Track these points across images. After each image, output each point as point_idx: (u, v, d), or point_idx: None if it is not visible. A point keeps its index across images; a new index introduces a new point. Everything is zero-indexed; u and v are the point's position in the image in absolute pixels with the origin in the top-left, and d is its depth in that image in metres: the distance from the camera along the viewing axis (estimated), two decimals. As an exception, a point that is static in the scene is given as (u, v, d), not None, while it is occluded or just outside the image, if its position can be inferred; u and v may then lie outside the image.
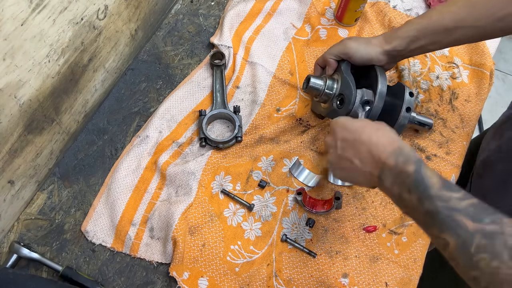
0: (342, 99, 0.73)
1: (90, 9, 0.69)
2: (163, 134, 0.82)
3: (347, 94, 0.72)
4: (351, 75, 0.73)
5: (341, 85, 0.74)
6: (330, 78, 0.76)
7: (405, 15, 0.98)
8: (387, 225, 0.77)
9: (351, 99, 0.71)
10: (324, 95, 0.75)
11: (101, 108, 0.86)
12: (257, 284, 0.71)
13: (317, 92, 0.76)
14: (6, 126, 0.61)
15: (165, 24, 0.96)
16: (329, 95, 0.75)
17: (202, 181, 0.78)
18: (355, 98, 0.71)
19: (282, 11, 0.98)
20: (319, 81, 0.75)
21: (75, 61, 0.71)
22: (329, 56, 0.75)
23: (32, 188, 0.76)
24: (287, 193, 0.79)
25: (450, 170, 0.82)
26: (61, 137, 0.78)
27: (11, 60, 0.56)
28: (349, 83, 0.72)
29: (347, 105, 0.71)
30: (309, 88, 0.75)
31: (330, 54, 0.75)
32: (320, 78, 0.76)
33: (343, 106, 0.73)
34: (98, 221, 0.75)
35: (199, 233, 0.74)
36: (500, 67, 2.19)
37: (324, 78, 0.76)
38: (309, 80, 0.75)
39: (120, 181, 0.77)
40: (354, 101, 0.71)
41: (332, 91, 0.75)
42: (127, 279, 0.72)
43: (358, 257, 0.74)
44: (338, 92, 0.74)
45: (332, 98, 0.75)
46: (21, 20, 0.55)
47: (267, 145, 0.83)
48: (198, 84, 0.88)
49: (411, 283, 0.73)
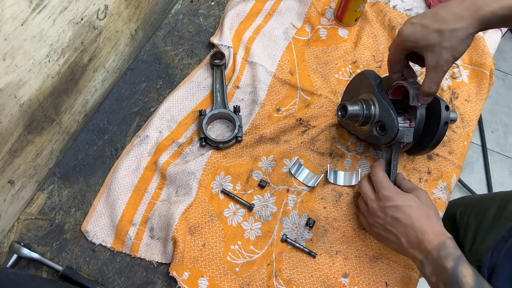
0: (382, 126, 0.71)
1: (90, 9, 0.69)
2: (163, 134, 0.82)
3: (389, 123, 0.69)
4: (388, 99, 0.71)
5: (380, 111, 0.71)
6: (365, 101, 0.72)
7: (405, 15, 0.98)
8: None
9: (394, 127, 0.68)
10: (363, 121, 0.72)
11: (101, 108, 0.86)
12: (257, 284, 0.71)
13: (356, 119, 0.72)
14: (6, 126, 0.61)
15: (165, 24, 0.96)
16: (369, 119, 0.72)
17: (202, 181, 0.78)
18: (397, 126, 0.68)
19: (282, 11, 0.98)
20: (356, 107, 0.71)
21: (75, 61, 0.71)
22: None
23: (32, 188, 0.76)
24: (287, 193, 0.79)
25: (452, 170, 0.82)
26: (61, 137, 0.78)
27: (11, 60, 0.56)
28: (389, 110, 0.69)
29: (390, 133, 0.69)
30: (347, 117, 0.71)
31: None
32: (355, 104, 0.72)
33: (385, 133, 0.70)
34: (98, 221, 0.75)
35: (199, 233, 0.74)
36: (500, 67, 2.19)
37: (360, 103, 0.72)
38: (345, 108, 0.72)
39: (120, 181, 0.77)
40: (397, 129, 0.69)
41: (371, 115, 0.71)
42: (127, 279, 0.72)
43: (358, 256, 0.74)
44: (378, 118, 0.71)
45: (371, 122, 0.72)
46: (21, 20, 0.55)
47: (267, 145, 0.83)
48: (198, 84, 0.88)
49: (411, 283, 0.73)
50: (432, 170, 0.82)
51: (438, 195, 0.80)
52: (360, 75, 0.77)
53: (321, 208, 0.78)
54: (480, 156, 1.92)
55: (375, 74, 0.74)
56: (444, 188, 0.80)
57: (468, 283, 0.56)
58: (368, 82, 0.73)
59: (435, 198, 0.80)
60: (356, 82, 0.78)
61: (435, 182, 0.81)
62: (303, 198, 0.79)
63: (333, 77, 0.90)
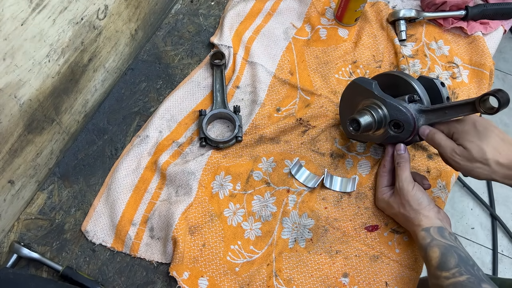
0: (397, 124, 0.70)
1: (90, 9, 0.69)
2: (163, 134, 0.82)
3: (403, 119, 0.69)
4: (390, 96, 0.70)
5: (388, 110, 0.70)
6: (370, 107, 0.71)
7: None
8: (389, 224, 0.77)
9: (409, 121, 0.68)
10: (377, 127, 0.71)
11: (101, 108, 0.86)
12: (257, 284, 0.71)
13: (370, 128, 0.71)
14: (6, 126, 0.61)
15: (165, 24, 0.96)
16: (381, 122, 0.71)
17: (202, 181, 0.78)
18: (412, 116, 0.68)
19: (282, 11, 0.98)
20: (366, 116, 0.70)
21: (75, 61, 0.71)
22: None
23: (32, 188, 0.76)
24: (287, 193, 0.79)
25: (451, 170, 0.82)
26: (61, 137, 0.78)
27: (11, 60, 0.56)
28: (398, 107, 0.68)
29: (408, 127, 0.69)
30: (362, 130, 0.70)
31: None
32: (362, 114, 0.70)
33: (402, 130, 0.70)
34: (98, 221, 0.75)
35: (199, 233, 0.74)
36: (500, 67, 2.18)
37: (367, 111, 0.71)
38: (356, 121, 0.70)
39: (120, 181, 0.77)
40: (414, 121, 0.68)
41: (382, 118, 0.70)
42: (127, 279, 0.72)
43: (358, 256, 0.74)
44: (389, 118, 0.70)
45: (384, 124, 0.71)
46: (21, 20, 0.55)
47: (267, 145, 0.83)
48: (198, 84, 0.88)
49: (411, 283, 0.73)
50: (432, 169, 0.82)
51: (437, 194, 0.80)
52: (351, 85, 0.76)
53: (322, 208, 0.78)
54: (480, 156, 1.91)
55: (366, 78, 0.74)
56: (443, 187, 0.80)
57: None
58: (363, 89, 0.72)
59: (434, 197, 0.80)
60: (350, 93, 0.77)
61: (434, 181, 0.81)
62: (304, 199, 0.79)
63: (333, 77, 0.90)
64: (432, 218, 0.69)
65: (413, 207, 0.70)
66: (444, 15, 0.96)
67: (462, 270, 0.61)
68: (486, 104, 0.62)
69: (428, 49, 0.95)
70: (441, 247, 0.65)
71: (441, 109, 0.67)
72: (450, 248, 0.65)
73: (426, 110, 0.69)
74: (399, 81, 0.72)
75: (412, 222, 0.70)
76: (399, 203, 0.72)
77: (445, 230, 0.67)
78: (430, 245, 0.66)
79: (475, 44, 0.95)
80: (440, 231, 0.67)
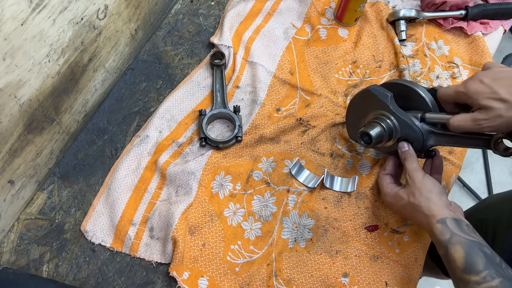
0: (406, 140, 0.70)
1: (90, 9, 0.69)
2: (163, 134, 0.82)
3: (413, 137, 0.68)
4: (403, 112, 0.69)
5: (399, 125, 0.69)
6: (380, 119, 0.70)
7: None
8: (389, 224, 0.77)
9: (419, 140, 0.68)
10: (386, 140, 0.71)
11: (101, 108, 0.86)
12: (257, 284, 0.71)
13: (380, 141, 0.71)
14: (6, 126, 0.61)
15: (165, 24, 0.96)
16: (391, 136, 0.71)
17: (202, 181, 0.78)
18: (423, 136, 0.68)
19: (282, 11, 0.98)
20: (377, 129, 0.70)
21: (75, 61, 0.71)
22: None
23: (32, 188, 0.76)
24: (287, 193, 0.79)
25: (451, 170, 0.82)
26: (61, 137, 0.78)
27: (11, 60, 0.56)
28: (410, 124, 0.68)
29: (417, 145, 0.69)
30: (374, 144, 0.70)
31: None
32: (373, 127, 0.70)
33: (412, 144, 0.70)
34: (97, 221, 0.75)
35: (199, 233, 0.74)
36: (500, 67, 2.18)
37: (377, 124, 0.70)
38: (367, 134, 0.70)
39: (120, 181, 0.77)
40: (424, 141, 0.68)
41: (393, 131, 0.70)
42: (127, 279, 0.72)
43: (358, 256, 0.74)
44: (400, 132, 0.70)
45: (394, 137, 0.71)
46: (21, 20, 0.55)
47: (267, 145, 0.83)
48: (198, 84, 0.88)
49: (411, 283, 0.73)
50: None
51: (438, 195, 0.80)
52: (365, 93, 0.73)
53: (322, 208, 0.78)
54: (480, 156, 1.91)
55: (382, 89, 0.71)
56: (443, 187, 0.80)
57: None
58: (378, 100, 0.70)
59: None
60: (362, 100, 0.75)
61: (435, 182, 0.81)
62: (304, 198, 0.79)
63: (333, 77, 0.90)
64: (443, 207, 0.64)
65: (424, 194, 0.66)
66: (444, 15, 0.96)
67: (493, 272, 0.57)
68: (500, 146, 0.61)
69: (428, 49, 0.95)
70: (464, 245, 0.60)
71: (453, 136, 0.67)
72: (474, 245, 0.60)
73: (437, 132, 0.68)
74: (413, 95, 0.70)
75: (423, 212, 0.65)
76: (409, 192, 0.68)
77: (462, 222, 0.63)
78: (451, 242, 0.61)
79: (475, 44, 0.95)
80: (457, 223, 0.62)
